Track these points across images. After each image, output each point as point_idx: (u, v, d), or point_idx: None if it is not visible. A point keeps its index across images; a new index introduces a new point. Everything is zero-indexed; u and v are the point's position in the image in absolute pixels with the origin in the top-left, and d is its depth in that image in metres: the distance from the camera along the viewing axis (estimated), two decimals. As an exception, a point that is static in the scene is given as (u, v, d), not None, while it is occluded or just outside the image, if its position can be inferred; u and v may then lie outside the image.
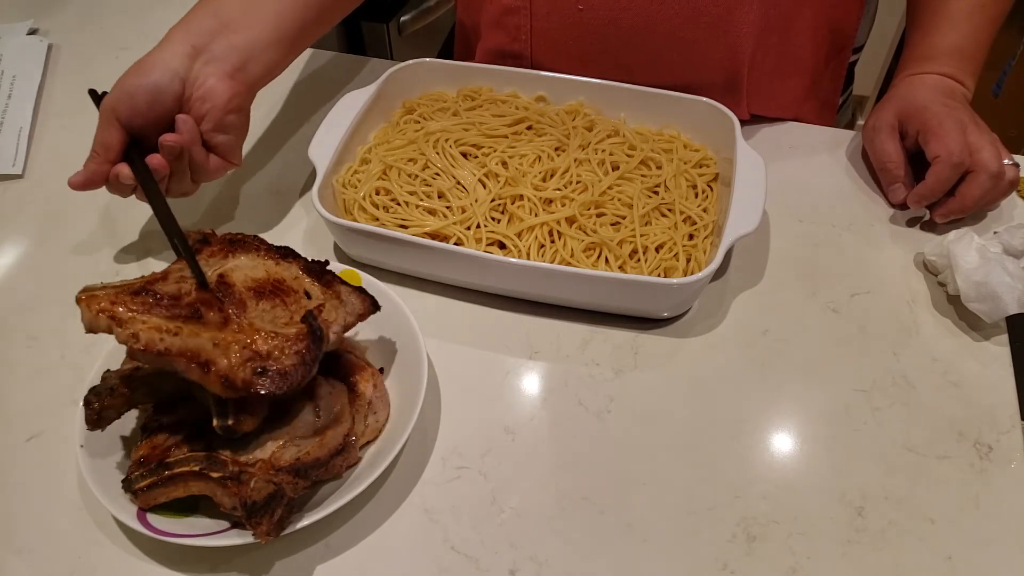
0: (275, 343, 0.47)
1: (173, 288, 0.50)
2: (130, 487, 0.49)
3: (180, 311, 0.47)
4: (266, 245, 0.55)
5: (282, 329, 0.49)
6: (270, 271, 0.53)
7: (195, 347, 0.46)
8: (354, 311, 0.53)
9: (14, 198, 0.76)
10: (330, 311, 0.51)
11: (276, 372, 0.46)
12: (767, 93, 0.80)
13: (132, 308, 0.47)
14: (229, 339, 0.47)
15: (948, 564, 0.50)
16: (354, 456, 0.52)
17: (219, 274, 0.52)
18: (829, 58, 0.83)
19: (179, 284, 0.50)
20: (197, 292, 0.49)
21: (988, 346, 0.62)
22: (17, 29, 0.96)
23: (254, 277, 0.52)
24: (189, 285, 0.50)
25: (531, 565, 0.50)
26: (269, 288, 0.52)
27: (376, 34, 1.42)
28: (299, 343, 0.48)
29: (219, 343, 0.46)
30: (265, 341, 0.47)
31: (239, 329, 0.48)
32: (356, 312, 0.53)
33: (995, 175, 0.66)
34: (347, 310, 0.53)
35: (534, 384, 0.60)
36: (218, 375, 0.45)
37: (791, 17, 0.75)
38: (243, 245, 0.55)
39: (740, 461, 0.55)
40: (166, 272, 0.52)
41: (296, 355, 0.47)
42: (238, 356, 0.46)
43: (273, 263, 0.54)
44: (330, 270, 0.55)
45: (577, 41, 0.77)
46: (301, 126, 0.82)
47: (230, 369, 0.45)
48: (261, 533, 0.46)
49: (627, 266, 0.64)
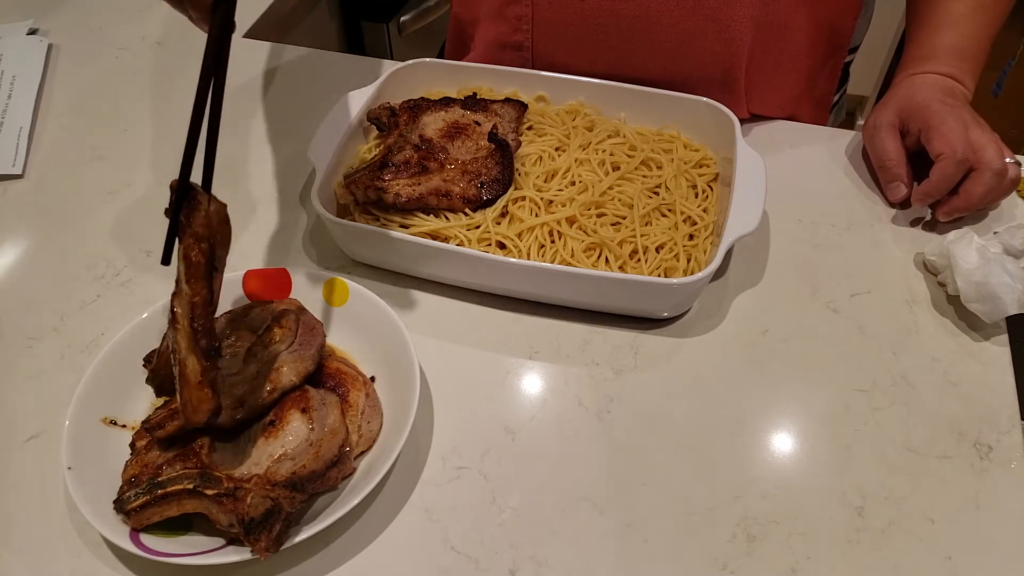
0: (480, 164, 0.67)
1: (400, 157, 0.67)
2: (122, 508, 0.48)
3: (413, 169, 0.66)
4: (432, 102, 0.73)
5: (477, 154, 0.69)
6: (446, 119, 0.71)
7: (435, 187, 0.65)
8: (511, 116, 0.73)
9: (14, 198, 0.76)
10: (500, 126, 0.71)
11: (490, 181, 0.66)
12: (763, 90, 0.80)
13: (385, 178, 0.65)
14: (451, 174, 0.66)
15: (948, 564, 0.50)
16: (349, 467, 0.52)
17: (419, 135, 0.70)
18: (826, 57, 0.83)
19: (402, 152, 0.67)
20: (416, 153, 0.67)
21: (988, 346, 0.62)
22: (17, 29, 0.96)
23: (439, 128, 0.70)
24: (409, 151, 0.68)
25: (531, 565, 0.50)
26: (453, 130, 0.70)
27: (376, 34, 1.42)
28: (494, 156, 0.68)
29: (447, 179, 0.66)
30: (473, 165, 0.67)
31: (453, 166, 0.67)
32: (514, 116, 0.73)
33: (999, 172, 0.66)
34: (506, 119, 0.72)
35: (534, 384, 0.60)
36: (459, 197, 0.65)
37: (789, 15, 0.75)
38: (419, 108, 0.72)
39: (740, 461, 0.55)
40: (388, 146, 0.68)
41: (497, 165, 0.67)
42: (463, 182, 0.66)
43: (444, 112, 0.72)
44: (481, 99, 0.74)
45: (577, 31, 0.77)
46: (301, 126, 0.82)
47: (463, 191, 0.65)
48: (260, 549, 0.46)
49: (627, 266, 0.64)
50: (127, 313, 0.64)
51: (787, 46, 0.78)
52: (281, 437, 0.49)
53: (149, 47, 0.95)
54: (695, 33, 0.74)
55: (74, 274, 0.68)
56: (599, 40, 0.77)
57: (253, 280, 0.61)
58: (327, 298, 0.61)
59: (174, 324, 0.47)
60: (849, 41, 0.83)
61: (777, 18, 0.75)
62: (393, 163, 0.67)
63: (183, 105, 0.86)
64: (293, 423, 0.50)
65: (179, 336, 0.47)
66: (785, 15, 0.75)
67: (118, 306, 0.66)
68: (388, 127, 0.72)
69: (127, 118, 0.85)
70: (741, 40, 0.74)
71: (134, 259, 0.69)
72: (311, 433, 0.49)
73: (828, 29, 0.80)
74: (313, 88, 0.87)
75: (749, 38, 0.75)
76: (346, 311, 0.60)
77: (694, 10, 0.73)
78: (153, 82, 0.89)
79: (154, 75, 0.90)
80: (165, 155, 0.80)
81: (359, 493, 0.49)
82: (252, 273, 0.61)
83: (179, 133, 0.82)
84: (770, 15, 0.74)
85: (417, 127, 0.71)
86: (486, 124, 0.71)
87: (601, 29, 0.76)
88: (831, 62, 0.84)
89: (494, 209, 0.66)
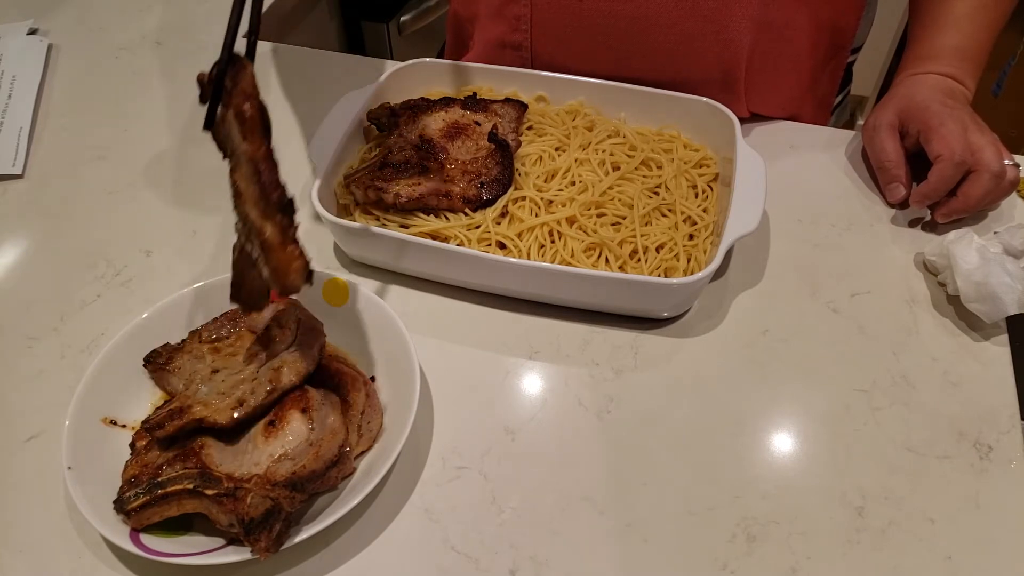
0: (480, 164, 0.68)
1: (400, 157, 0.67)
2: (122, 508, 0.48)
3: (413, 169, 0.67)
4: (432, 102, 0.73)
5: (478, 154, 0.69)
6: (447, 119, 0.71)
7: (435, 187, 0.65)
8: (511, 116, 0.73)
9: (14, 198, 0.76)
10: (500, 126, 0.71)
11: (490, 181, 0.66)
12: (764, 90, 0.80)
13: (385, 179, 0.65)
14: (452, 174, 0.67)
15: (948, 564, 0.50)
16: (349, 467, 0.52)
17: (419, 135, 0.69)
18: (828, 58, 0.83)
19: (402, 153, 0.67)
20: (416, 153, 0.67)
21: (988, 346, 0.62)
22: (17, 29, 0.96)
23: (439, 128, 0.70)
24: (409, 151, 0.67)
25: (531, 565, 0.50)
26: (453, 131, 0.70)
27: (376, 34, 1.42)
28: (495, 156, 0.68)
29: (447, 179, 0.66)
30: (473, 165, 0.68)
31: (453, 165, 0.67)
32: (514, 116, 0.73)
33: (997, 174, 0.66)
34: (506, 120, 0.72)
35: (534, 384, 0.60)
36: (459, 197, 0.65)
37: (790, 15, 0.75)
38: (419, 108, 0.72)
39: (740, 461, 0.55)
40: (388, 147, 0.69)
41: (497, 165, 0.67)
42: (463, 182, 0.66)
43: (445, 112, 0.72)
44: (481, 99, 0.73)
45: (577, 31, 0.77)
46: (301, 126, 0.82)
47: (463, 191, 0.65)
48: (260, 549, 0.46)
49: (627, 266, 0.64)
50: (127, 313, 0.64)
51: (788, 46, 0.78)
52: (281, 437, 0.49)
53: (149, 47, 0.95)
54: (694, 34, 0.74)
55: (74, 274, 0.68)
56: (598, 40, 0.77)
57: (253, 280, 0.61)
58: (327, 298, 0.61)
59: (240, 197, 0.47)
60: (852, 41, 0.83)
61: (778, 18, 0.75)
62: (393, 163, 0.67)
63: (183, 105, 0.86)
64: (293, 423, 0.50)
65: (248, 207, 0.47)
66: (786, 15, 0.75)
67: (118, 306, 0.66)
68: (388, 127, 0.72)
69: (127, 118, 0.85)
70: (740, 41, 0.74)
71: (134, 259, 0.69)
72: (311, 433, 0.49)
73: (830, 29, 0.80)
74: (313, 88, 0.87)
75: (749, 39, 0.75)
76: (346, 311, 0.60)
77: (692, 11, 0.73)
78: (153, 82, 0.89)
79: (154, 75, 0.90)
80: (165, 155, 0.80)
81: (359, 493, 0.49)
82: None
83: (179, 133, 0.82)
84: (770, 15, 0.74)
85: (417, 127, 0.71)
86: (486, 124, 0.71)
87: (600, 30, 0.76)
88: (834, 63, 0.84)
89: (494, 209, 0.66)
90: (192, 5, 1.01)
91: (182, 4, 1.02)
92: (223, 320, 0.58)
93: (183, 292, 0.60)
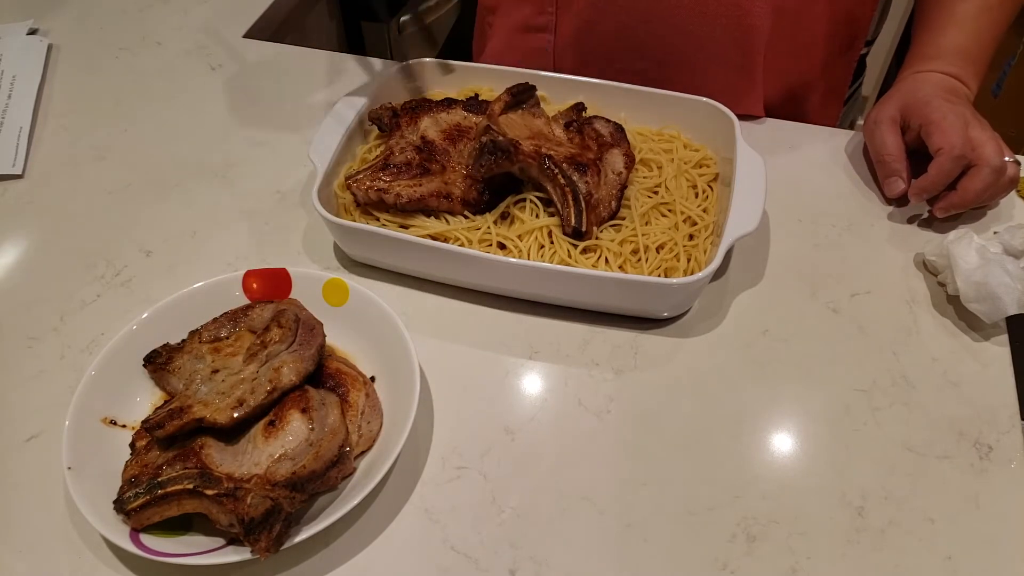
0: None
1: (401, 158, 0.68)
2: (122, 508, 0.48)
3: (415, 171, 0.67)
4: (433, 103, 0.73)
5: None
6: (448, 120, 0.72)
7: (435, 189, 0.66)
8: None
9: (14, 198, 0.76)
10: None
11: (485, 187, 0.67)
12: (775, 75, 0.80)
13: (386, 179, 0.66)
14: (451, 175, 0.67)
15: (948, 564, 0.50)
16: (349, 467, 0.52)
17: (420, 136, 0.70)
18: (844, 48, 0.83)
19: (404, 154, 0.68)
20: (418, 154, 0.68)
21: (988, 346, 0.62)
22: (17, 29, 0.96)
23: (441, 130, 0.71)
24: (411, 152, 0.68)
25: (531, 565, 0.50)
26: (455, 132, 0.71)
27: (376, 34, 1.42)
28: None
29: (447, 180, 0.67)
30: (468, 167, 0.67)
31: (453, 167, 0.68)
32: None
33: (997, 169, 0.66)
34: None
35: (534, 384, 0.60)
36: (460, 199, 0.66)
37: (808, 3, 0.76)
38: (420, 109, 0.72)
39: (740, 461, 0.55)
40: (389, 147, 0.69)
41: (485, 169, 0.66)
42: (462, 183, 0.67)
43: (446, 114, 0.72)
44: (483, 101, 0.74)
45: (602, 14, 0.79)
46: (301, 126, 0.82)
47: (464, 193, 0.66)
48: (260, 549, 0.46)
49: (627, 266, 0.64)
50: (127, 313, 0.64)
51: (803, 34, 0.79)
52: (281, 437, 0.49)
53: (149, 47, 0.95)
54: (716, 16, 0.76)
55: (74, 274, 0.68)
56: (622, 21, 0.78)
57: (253, 280, 0.62)
58: (327, 298, 0.61)
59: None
60: (867, 32, 0.84)
61: (795, 5, 0.76)
62: (394, 164, 0.67)
63: (183, 105, 0.86)
64: (293, 423, 0.50)
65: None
66: (803, 3, 0.76)
67: (118, 306, 0.66)
68: (389, 128, 0.72)
69: (127, 118, 0.85)
70: (760, 27, 0.75)
71: (134, 259, 0.69)
72: (311, 433, 0.49)
73: (846, 19, 0.80)
74: (313, 88, 0.87)
75: (768, 24, 0.76)
76: (346, 311, 0.60)
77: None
78: (153, 82, 0.89)
79: (154, 75, 0.90)
80: (165, 155, 0.80)
81: (359, 493, 0.49)
82: (252, 273, 0.61)
83: (179, 133, 0.82)
84: (788, 2, 0.75)
85: (418, 128, 0.71)
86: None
87: (624, 11, 0.78)
88: (848, 54, 0.85)
89: (494, 212, 0.66)
90: (192, 5, 1.01)
91: (182, 4, 1.02)
92: (223, 320, 0.58)
93: (183, 292, 0.60)
